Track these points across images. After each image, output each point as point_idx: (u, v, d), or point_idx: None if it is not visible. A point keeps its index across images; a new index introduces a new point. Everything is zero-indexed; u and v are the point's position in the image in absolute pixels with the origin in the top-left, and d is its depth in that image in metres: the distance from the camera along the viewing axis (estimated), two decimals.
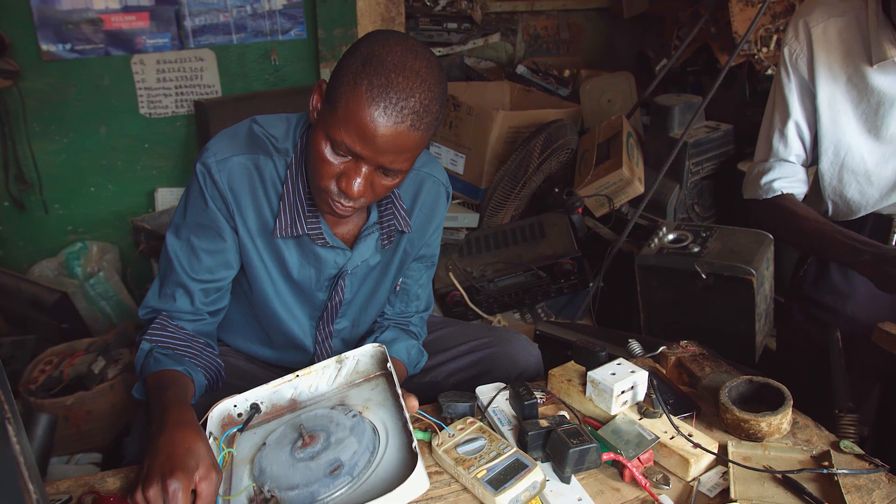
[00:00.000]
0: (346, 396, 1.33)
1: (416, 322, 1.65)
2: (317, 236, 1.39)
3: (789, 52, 1.61)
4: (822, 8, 1.56)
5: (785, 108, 1.65)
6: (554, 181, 2.93)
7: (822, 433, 1.31)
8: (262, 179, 1.35)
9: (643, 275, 2.24)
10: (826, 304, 1.71)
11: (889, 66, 1.48)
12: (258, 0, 3.25)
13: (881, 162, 1.56)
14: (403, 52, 1.18)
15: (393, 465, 1.15)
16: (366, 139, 1.17)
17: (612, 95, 3.62)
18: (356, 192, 1.23)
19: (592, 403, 1.33)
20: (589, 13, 4.41)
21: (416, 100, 1.17)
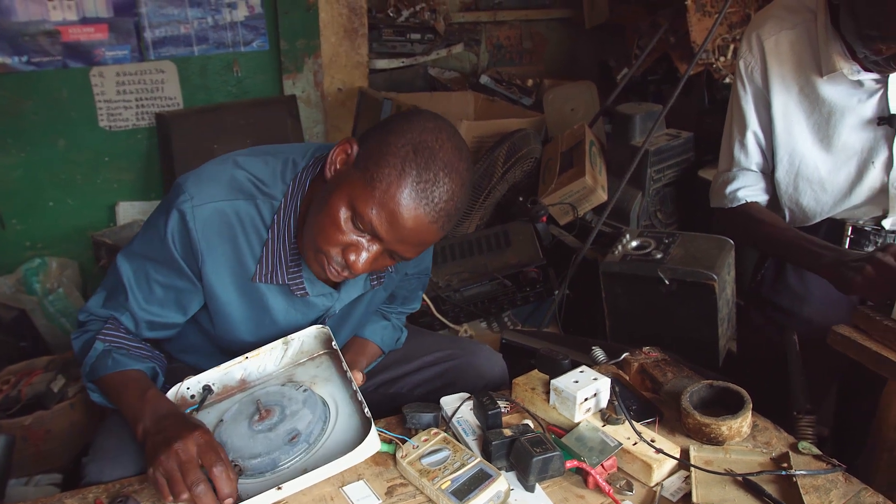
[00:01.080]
0: (293, 375, 1.39)
1: (395, 315, 1.68)
2: (297, 287, 1.36)
3: (744, 65, 1.65)
4: (774, 21, 1.60)
5: (743, 118, 1.68)
6: (518, 190, 2.94)
7: (781, 435, 1.33)
8: (242, 225, 1.30)
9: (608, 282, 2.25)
10: (783, 306, 1.75)
11: (838, 77, 1.52)
12: (219, 11, 3.23)
13: (833, 170, 1.60)
14: (453, 149, 1.19)
15: (345, 432, 1.25)
16: (395, 227, 1.17)
17: (575, 104, 3.66)
18: (361, 268, 1.22)
19: (556, 411, 1.33)
20: (551, 23, 4.46)
21: (454, 203, 1.18)
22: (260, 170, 1.32)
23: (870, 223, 1.63)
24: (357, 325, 1.57)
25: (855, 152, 1.57)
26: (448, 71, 4.08)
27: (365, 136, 1.24)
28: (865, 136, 1.55)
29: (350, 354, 1.55)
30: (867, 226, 1.63)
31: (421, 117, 1.21)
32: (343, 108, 3.55)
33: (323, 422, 1.26)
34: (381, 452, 1.27)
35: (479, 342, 1.73)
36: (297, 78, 3.43)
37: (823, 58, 1.52)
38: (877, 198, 1.58)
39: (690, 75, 2.98)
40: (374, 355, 1.61)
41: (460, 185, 1.19)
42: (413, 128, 1.18)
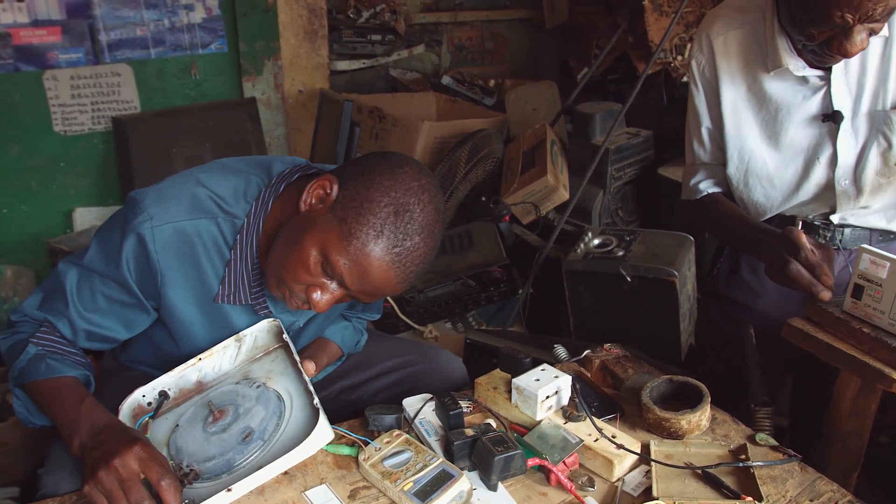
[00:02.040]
0: (249, 371, 1.38)
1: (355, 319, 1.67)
2: (261, 307, 1.36)
3: (696, 64, 1.68)
4: (722, 21, 1.63)
5: (697, 115, 1.72)
6: (481, 190, 2.95)
7: (739, 427, 1.35)
8: (204, 245, 1.28)
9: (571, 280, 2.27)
10: (738, 301, 1.78)
11: (785, 73, 1.55)
12: (176, 14, 3.18)
13: (782, 166, 1.63)
14: (433, 211, 1.20)
15: (300, 424, 1.24)
16: (363, 282, 1.19)
17: (536, 104, 3.68)
18: (322, 307, 1.22)
19: (518, 410, 1.34)
20: (512, 23, 4.47)
21: (423, 265, 1.22)
22: (222, 188, 1.30)
23: (819, 218, 1.66)
24: (317, 333, 1.57)
25: (801, 149, 1.60)
26: (410, 72, 4.07)
27: (346, 178, 1.22)
28: (811, 133, 1.58)
29: (310, 350, 1.53)
30: (816, 220, 1.66)
31: (407, 174, 1.19)
32: (304, 109, 3.52)
33: (278, 417, 1.25)
34: (343, 455, 1.27)
35: (439, 347, 1.74)
36: (257, 80, 3.40)
37: (770, 54, 1.55)
38: (824, 194, 1.62)
39: (649, 74, 3.01)
40: (334, 355, 1.59)
41: (433, 246, 1.22)
42: (397, 186, 1.17)
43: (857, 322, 1.32)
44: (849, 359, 1.30)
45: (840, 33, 1.35)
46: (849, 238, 1.64)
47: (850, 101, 1.53)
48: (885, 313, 1.29)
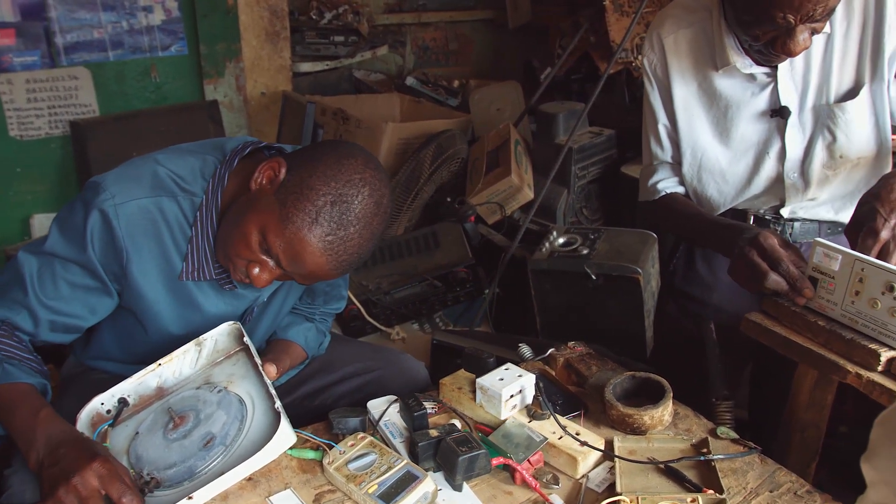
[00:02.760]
0: (210, 375, 1.37)
1: (319, 315, 1.68)
2: (225, 281, 1.37)
3: (648, 63, 1.71)
4: (672, 20, 1.66)
5: (653, 114, 1.74)
6: (446, 191, 2.95)
7: (701, 422, 1.37)
8: (167, 222, 1.30)
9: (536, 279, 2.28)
10: (695, 296, 1.81)
11: (733, 71, 1.58)
12: (134, 15, 3.13)
13: (733, 162, 1.66)
14: (373, 205, 1.23)
15: (262, 428, 1.25)
16: (296, 265, 1.23)
17: (500, 104, 3.69)
18: (261, 283, 1.26)
19: (483, 409, 1.34)
20: (476, 24, 4.48)
21: (358, 255, 1.25)
22: (180, 167, 1.33)
23: (770, 212, 1.69)
24: (277, 315, 1.57)
25: (752, 144, 1.63)
26: (374, 73, 4.06)
27: (294, 163, 1.25)
28: (760, 128, 1.62)
29: (273, 353, 1.53)
30: (767, 215, 1.69)
31: (351, 165, 1.22)
32: (267, 112, 3.49)
33: (239, 421, 1.24)
34: (307, 459, 1.27)
35: (401, 351, 1.74)
36: (219, 82, 3.36)
37: (718, 53, 1.58)
38: (774, 188, 1.65)
39: (611, 74, 3.03)
40: (298, 357, 1.59)
41: (369, 238, 1.25)
42: (339, 176, 1.21)
43: (813, 315, 1.35)
44: (805, 352, 1.32)
45: (784, 33, 1.38)
46: (798, 232, 1.68)
47: (796, 97, 1.57)
48: (838, 305, 1.31)
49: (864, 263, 1.26)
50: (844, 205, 1.65)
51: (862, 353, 1.25)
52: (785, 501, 1.18)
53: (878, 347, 1.23)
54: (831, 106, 1.55)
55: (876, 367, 1.23)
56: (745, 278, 1.42)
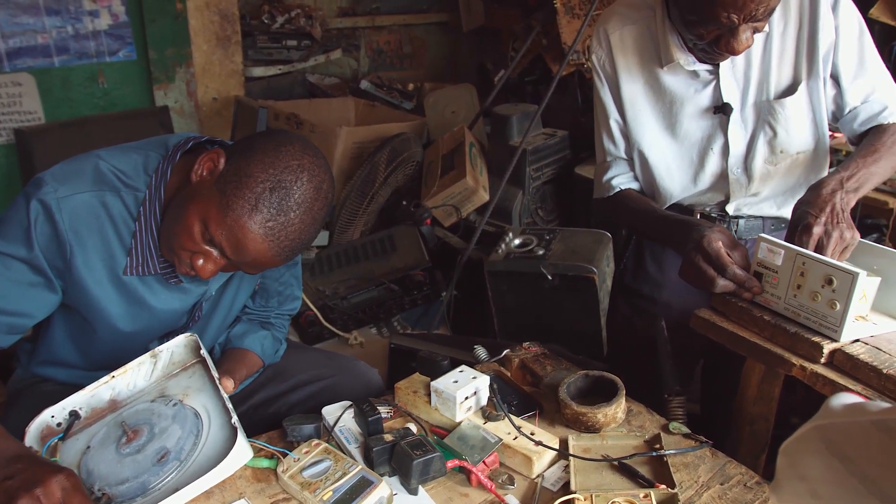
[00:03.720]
0: (165, 388, 1.34)
1: (275, 318, 1.67)
2: (169, 276, 1.35)
3: (596, 59, 1.73)
4: (617, 17, 1.68)
5: (604, 109, 1.76)
6: (401, 194, 2.95)
7: (653, 418, 1.39)
8: (110, 217, 1.29)
9: (493, 280, 2.29)
10: (645, 294, 1.83)
11: (677, 67, 1.61)
12: (80, 20, 3.07)
13: (679, 157, 1.69)
14: (312, 190, 1.23)
15: (218, 443, 1.21)
16: (239, 253, 1.22)
17: (455, 107, 3.70)
18: (206, 276, 1.25)
19: (438, 412, 1.34)
20: (429, 27, 4.49)
21: (300, 241, 1.25)
22: (123, 163, 1.32)
23: (715, 209, 1.73)
24: (228, 312, 1.56)
25: (696, 140, 1.66)
26: (328, 77, 4.04)
27: (232, 153, 1.26)
28: (704, 124, 1.65)
29: (229, 363, 1.52)
30: (713, 212, 1.73)
31: (288, 152, 1.22)
32: (219, 117, 3.45)
33: (195, 435, 1.22)
34: (262, 468, 1.25)
35: (354, 358, 1.74)
36: (169, 88, 3.31)
37: (662, 49, 1.61)
38: (718, 183, 1.69)
39: (564, 75, 3.07)
40: (254, 366, 1.58)
41: (311, 223, 1.24)
42: (277, 163, 1.21)
43: (759, 310, 1.38)
44: (752, 346, 1.35)
45: (727, 33, 1.41)
46: (743, 228, 1.72)
47: (737, 94, 1.61)
48: (782, 298, 1.34)
49: (805, 258, 1.29)
50: (786, 200, 1.69)
51: (805, 346, 1.28)
52: (735, 493, 1.20)
53: (820, 340, 1.26)
54: (771, 102, 1.59)
55: (819, 360, 1.26)
56: (695, 282, 1.45)
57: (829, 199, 1.37)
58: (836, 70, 1.57)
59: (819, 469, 0.67)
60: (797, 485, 0.70)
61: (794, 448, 0.71)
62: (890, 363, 1.20)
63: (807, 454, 0.69)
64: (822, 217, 1.34)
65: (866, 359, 1.21)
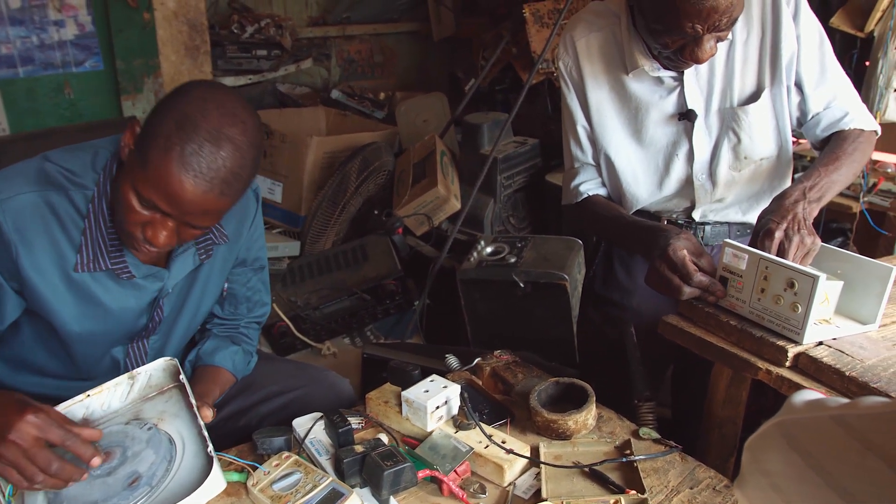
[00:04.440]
0: (140, 410, 1.32)
1: (244, 327, 1.65)
2: (122, 270, 1.34)
3: (563, 66, 1.74)
4: (583, 24, 1.70)
5: (571, 116, 1.77)
6: (373, 203, 2.95)
7: (624, 423, 1.40)
8: (57, 216, 1.29)
9: (465, 288, 2.29)
10: (615, 301, 1.85)
11: (642, 74, 1.63)
12: (45, 30, 3.02)
13: (645, 163, 1.71)
14: (220, 116, 1.18)
15: (191, 471, 1.18)
16: (173, 201, 1.19)
17: (427, 116, 3.71)
18: (162, 242, 1.23)
19: (410, 422, 1.34)
20: (400, 36, 4.50)
21: (227, 169, 1.19)
22: (70, 162, 1.32)
23: (682, 216, 1.75)
24: (192, 318, 1.55)
25: (662, 146, 1.69)
26: (299, 86, 4.02)
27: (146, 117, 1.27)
28: (669, 131, 1.67)
29: (202, 385, 1.50)
30: (680, 218, 1.75)
31: (189, 91, 1.21)
32: None
33: (168, 462, 1.19)
34: (232, 482, 1.24)
35: (325, 368, 1.73)
36: (137, 98, 3.27)
37: (627, 56, 1.63)
38: (684, 189, 1.71)
39: (534, 84, 3.09)
40: (227, 383, 1.57)
41: (233, 150, 1.19)
42: (178, 102, 1.19)
43: (725, 314, 1.39)
44: (719, 351, 1.37)
45: (691, 42, 1.44)
46: (709, 234, 1.74)
47: (701, 100, 1.63)
48: (746, 302, 1.37)
49: (768, 262, 1.32)
50: (751, 206, 1.72)
51: (771, 350, 1.30)
52: (704, 497, 1.21)
53: (785, 344, 1.28)
54: (735, 109, 1.62)
55: (784, 363, 1.28)
56: (661, 290, 1.47)
57: (791, 208, 1.39)
58: (800, 78, 1.61)
59: (780, 463, 0.69)
60: (760, 479, 0.71)
61: (757, 444, 0.73)
62: (852, 366, 1.22)
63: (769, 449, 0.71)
64: (784, 224, 1.37)
65: (829, 361, 1.24)
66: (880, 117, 2.37)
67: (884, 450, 0.59)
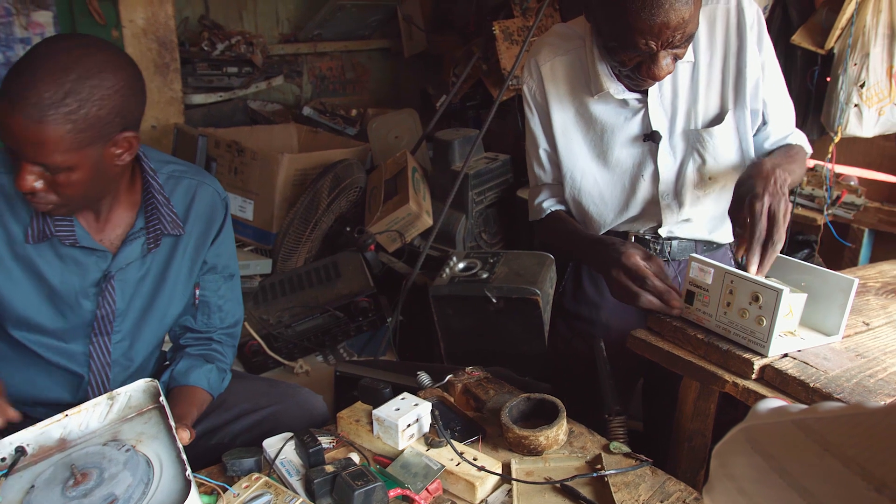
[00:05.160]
0: (118, 431, 1.30)
1: (219, 338, 1.65)
2: (66, 236, 1.38)
3: (528, 89, 1.76)
4: (548, 48, 1.72)
5: (534, 138, 1.79)
6: (345, 220, 2.94)
7: (595, 438, 1.41)
8: (5, 196, 1.37)
9: (438, 305, 2.30)
10: (584, 316, 1.86)
11: (607, 96, 1.65)
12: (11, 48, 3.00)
13: (611, 184, 1.73)
14: (53, 48, 1.23)
15: (168, 494, 1.16)
16: (4, 133, 1.23)
17: (399, 132, 3.72)
18: (26, 188, 1.27)
19: (381, 441, 1.34)
20: (372, 53, 4.51)
21: (51, 93, 1.20)
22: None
23: (649, 232, 1.77)
24: (160, 322, 1.56)
25: (627, 167, 1.71)
26: (271, 103, 4.02)
27: None
28: (635, 152, 1.69)
29: (180, 406, 1.49)
30: (647, 235, 1.77)
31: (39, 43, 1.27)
32: (159, 145, 3.39)
33: (145, 484, 1.17)
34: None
35: (297, 385, 1.72)
36: None
37: (593, 79, 1.65)
38: (650, 209, 1.73)
39: (504, 100, 3.12)
40: (204, 402, 1.56)
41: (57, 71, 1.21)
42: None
43: (692, 328, 1.41)
44: (687, 364, 1.38)
45: (647, 59, 1.46)
46: (676, 249, 1.76)
47: (666, 122, 1.66)
48: (713, 316, 1.38)
49: (733, 276, 1.34)
50: (717, 225, 1.75)
51: (737, 363, 1.31)
52: None
53: (751, 356, 1.30)
54: (699, 130, 1.64)
55: (750, 376, 1.30)
56: (622, 298, 1.49)
57: (771, 172, 1.41)
58: (764, 104, 1.65)
59: (745, 467, 0.71)
60: (726, 484, 0.74)
61: (724, 450, 0.76)
62: (816, 377, 1.24)
63: (734, 454, 0.74)
64: (770, 186, 1.38)
65: (794, 373, 1.25)
66: (841, 132, 2.42)
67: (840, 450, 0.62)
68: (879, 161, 2.65)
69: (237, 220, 3.02)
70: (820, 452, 0.63)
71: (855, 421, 0.64)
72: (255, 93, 3.86)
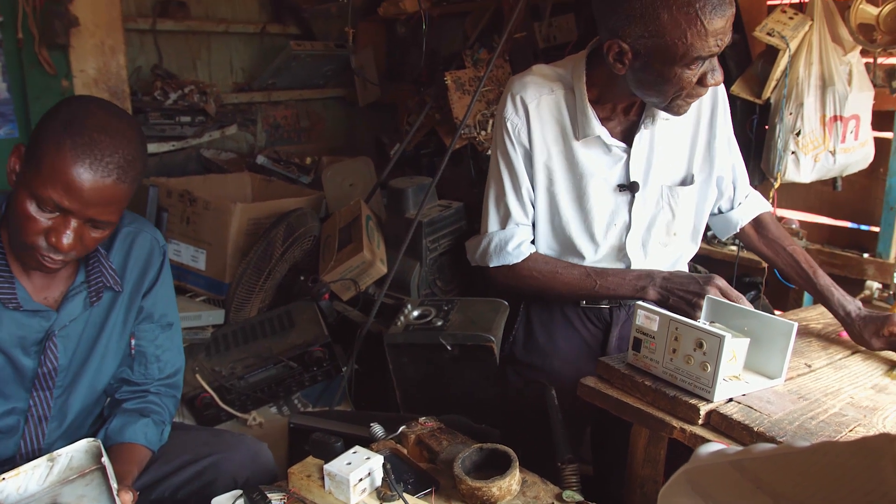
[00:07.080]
0: (58, 494, 1.28)
1: (156, 390, 1.62)
2: (9, 300, 1.36)
3: (511, 126, 1.72)
4: (534, 87, 1.71)
5: (517, 176, 1.75)
6: (299, 269, 2.93)
7: (548, 487, 1.41)
8: None
9: (393, 353, 2.29)
10: (535, 364, 1.87)
11: (591, 142, 1.67)
12: None
13: (585, 228, 1.75)
14: (104, 114, 1.31)
15: None
16: (72, 194, 1.26)
17: (353, 180, 3.74)
18: (66, 245, 1.29)
19: (333, 496, 1.32)
20: (327, 101, 4.55)
21: (119, 155, 1.29)
22: None
23: None
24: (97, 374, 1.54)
25: (603, 214, 1.73)
26: (224, 152, 4.01)
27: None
28: (611, 200, 1.72)
29: (119, 465, 1.45)
30: None
31: (68, 101, 1.33)
32: None
33: None
34: None
35: (241, 434, 1.69)
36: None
37: (581, 123, 1.66)
38: (612, 255, 1.77)
39: (457, 148, 3.16)
40: (144, 459, 1.53)
41: (120, 137, 1.29)
42: (60, 111, 1.30)
43: (640, 375, 1.44)
44: (636, 411, 1.40)
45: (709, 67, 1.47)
46: None
47: (643, 174, 1.70)
48: (659, 363, 1.41)
49: (678, 323, 1.37)
50: None
51: (684, 409, 1.34)
52: None
53: (697, 402, 1.33)
54: (672, 188, 1.70)
55: (697, 421, 1.32)
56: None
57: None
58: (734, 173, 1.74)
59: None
60: None
61: (667, 492, 0.81)
62: (760, 421, 1.27)
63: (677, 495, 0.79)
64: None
65: (739, 418, 1.28)
66: (780, 178, 2.51)
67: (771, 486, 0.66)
68: (819, 205, 2.75)
69: (189, 270, 2.99)
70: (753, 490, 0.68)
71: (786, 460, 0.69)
72: (208, 142, 3.84)
